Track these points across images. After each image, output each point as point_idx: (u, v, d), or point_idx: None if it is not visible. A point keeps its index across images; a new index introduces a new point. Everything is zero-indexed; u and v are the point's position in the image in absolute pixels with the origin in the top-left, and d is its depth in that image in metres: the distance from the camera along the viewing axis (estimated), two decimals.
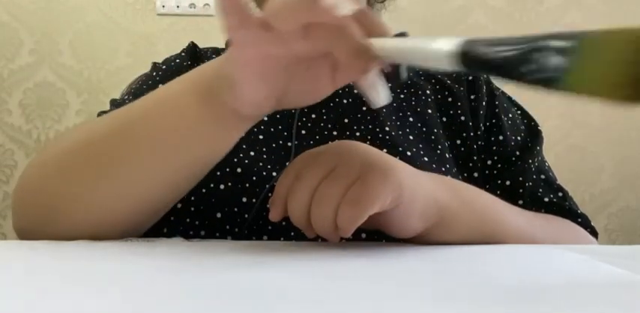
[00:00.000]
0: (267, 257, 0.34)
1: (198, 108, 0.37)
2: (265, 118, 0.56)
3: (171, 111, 0.39)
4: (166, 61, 0.65)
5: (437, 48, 0.26)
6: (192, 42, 0.68)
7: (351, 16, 0.31)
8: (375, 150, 0.39)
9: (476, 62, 0.24)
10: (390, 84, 0.35)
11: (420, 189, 0.38)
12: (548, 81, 0.20)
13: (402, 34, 0.34)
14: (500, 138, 0.59)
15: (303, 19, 0.31)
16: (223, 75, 0.35)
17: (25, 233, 0.44)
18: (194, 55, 0.65)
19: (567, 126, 1.75)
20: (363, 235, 0.49)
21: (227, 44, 0.66)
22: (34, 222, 0.43)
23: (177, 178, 0.41)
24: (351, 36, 0.31)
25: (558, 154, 1.72)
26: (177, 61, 0.64)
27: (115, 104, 0.60)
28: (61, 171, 0.42)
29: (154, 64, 0.66)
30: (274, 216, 0.38)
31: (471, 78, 0.63)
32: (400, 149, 0.54)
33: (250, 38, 0.32)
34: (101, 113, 0.57)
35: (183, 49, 0.66)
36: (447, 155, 0.57)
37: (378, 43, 0.31)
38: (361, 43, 0.31)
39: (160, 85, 0.42)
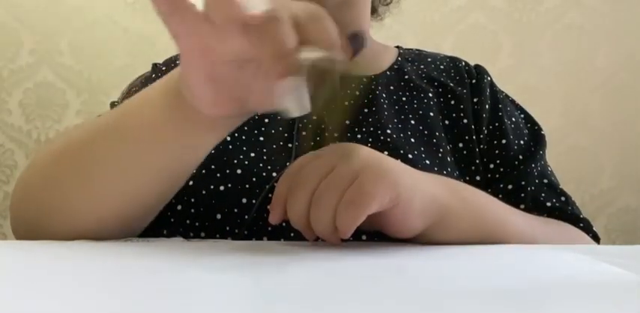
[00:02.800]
0: (267, 257, 0.34)
1: (168, 110, 0.37)
2: (266, 120, 0.56)
3: (143, 115, 0.39)
4: (166, 62, 0.65)
5: None
6: None
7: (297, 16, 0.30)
8: (374, 152, 0.39)
9: None
10: (355, 52, 0.33)
11: (418, 188, 0.38)
12: None
13: (355, 35, 0.33)
14: (503, 141, 0.59)
15: (235, 13, 0.29)
16: (182, 75, 0.35)
17: (21, 234, 0.45)
18: None
19: (567, 127, 1.74)
20: (364, 237, 0.48)
21: None
22: (27, 225, 0.44)
23: (159, 179, 0.41)
24: (274, 38, 0.30)
25: (558, 154, 1.72)
26: (178, 61, 0.63)
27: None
28: (45, 176, 0.43)
29: (155, 65, 0.66)
30: (274, 219, 0.38)
31: (474, 81, 0.63)
32: (401, 151, 0.54)
33: (189, 29, 0.31)
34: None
35: None
36: (449, 158, 0.57)
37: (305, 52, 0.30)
38: (283, 47, 0.30)
39: (126, 102, 0.43)
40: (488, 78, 0.65)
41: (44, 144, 1.67)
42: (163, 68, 0.63)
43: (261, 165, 0.51)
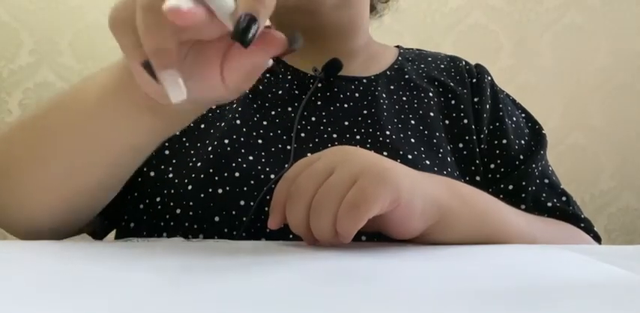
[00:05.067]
0: (267, 257, 0.34)
1: (113, 95, 0.38)
2: (264, 122, 0.56)
3: (91, 95, 0.39)
4: None
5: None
6: None
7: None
8: (373, 154, 0.39)
9: None
10: (288, 52, 0.33)
11: (418, 189, 0.38)
12: None
13: (293, 36, 0.33)
14: (504, 141, 0.59)
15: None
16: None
17: None
18: None
19: (567, 127, 1.75)
20: (363, 238, 0.48)
21: None
22: None
23: (108, 159, 0.41)
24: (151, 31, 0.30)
25: (559, 154, 1.72)
26: None
27: None
28: (8, 144, 0.43)
29: None
30: (273, 224, 0.38)
31: (474, 80, 0.63)
32: (401, 152, 0.53)
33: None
34: None
35: None
36: (449, 158, 0.56)
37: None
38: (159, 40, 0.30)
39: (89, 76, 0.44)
40: (489, 78, 0.65)
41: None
42: None
43: (259, 167, 0.51)
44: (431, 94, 0.61)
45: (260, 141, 0.54)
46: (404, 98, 0.61)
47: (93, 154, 0.40)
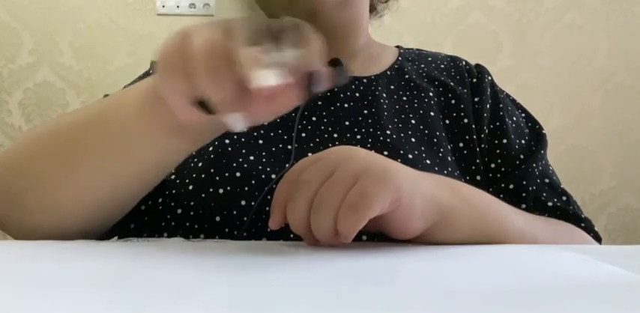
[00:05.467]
0: (267, 257, 0.34)
1: (141, 118, 0.38)
2: (265, 123, 0.56)
3: (116, 117, 0.40)
4: None
5: None
6: None
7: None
8: (374, 154, 0.39)
9: None
10: (336, 85, 0.35)
11: (419, 189, 0.38)
12: None
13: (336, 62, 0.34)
14: (505, 141, 0.59)
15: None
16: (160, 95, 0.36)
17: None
18: None
19: (567, 127, 1.75)
20: (364, 237, 0.48)
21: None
22: (1, 209, 0.44)
23: (127, 181, 0.42)
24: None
25: (559, 154, 1.72)
26: None
27: None
28: (26, 161, 0.43)
29: (153, 62, 0.66)
30: (274, 224, 0.38)
31: (474, 80, 0.63)
32: (401, 152, 0.53)
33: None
34: None
35: None
36: (450, 158, 0.56)
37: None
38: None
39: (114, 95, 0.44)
40: (489, 78, 0.65)
41: (26, 131, 1.68)
42: None
43: (260, 167, 0.51)
44: (431, 94, 0.61)
45: (261, 141, 0.54)
46: (404, 98, 0.61)
47: (119, 169, 0.41)
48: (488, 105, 0.61)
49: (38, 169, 0.42)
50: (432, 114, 0.59)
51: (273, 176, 0.50)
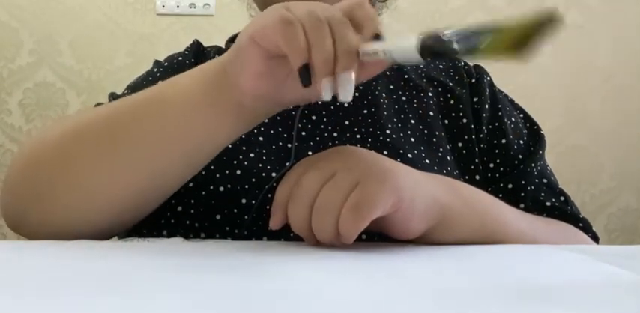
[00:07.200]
0: (267, 257, 0.34)
1: (203, 96, 0.39)
2: (265, 120, 0.56)
3: (175, 97, 0.40)
4: (169, 58, 0.64)
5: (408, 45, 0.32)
6: (197, 40, 0.67)
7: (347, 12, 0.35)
8: (375, 154, 0.39)
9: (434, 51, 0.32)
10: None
11: (420, 190, 0.38)
12: (470, 50, 0.30)
13: (377, 36, 0.36)
14: (503, 141, 0.59)
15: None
16: (229, 70, 0.38)
17: (14, 217, 0.44)
18: (198, 53, 0.65)
19: (567, 127, 1.75)
20: (364, 237, 0.48)
21: (229, 42, 0.66)
22: (24, 204, 0.43)
23: (175, 166, 0.41)
24: (323, 46, 0.33)
25: (559, 154, 1.72)
26: (180, 58, 0.63)
27: (114, 97, 0.60)
28: (61, 150, 0.42)
29: (157, 61, 0.66)
30: (274, 224, 0.38)
31: (474, 80, 0.63)
32: (401, 151, 0.54)
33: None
34: (98, 105, 0.57)
35: (187, 46, 0.66)
36: (449, 157, 0.57)
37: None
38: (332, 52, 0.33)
39: (160, 82, 0.43)
40: (488, 79, 0.65)
41: (47, 126, 1.67)
42: (165, 64, 0.63)
43: (260, 165, 0.51)
44: (430, 94, 0.62)
45: (261, 138, 0.54)
46: (403, 98, 0.61)
47: (168, 150, 0.41)
48: (487, 106, 0.61)
49: (79, 154, 0.41)
50: (431, 114, 0.60)
51: (274, 174, 0.50)
